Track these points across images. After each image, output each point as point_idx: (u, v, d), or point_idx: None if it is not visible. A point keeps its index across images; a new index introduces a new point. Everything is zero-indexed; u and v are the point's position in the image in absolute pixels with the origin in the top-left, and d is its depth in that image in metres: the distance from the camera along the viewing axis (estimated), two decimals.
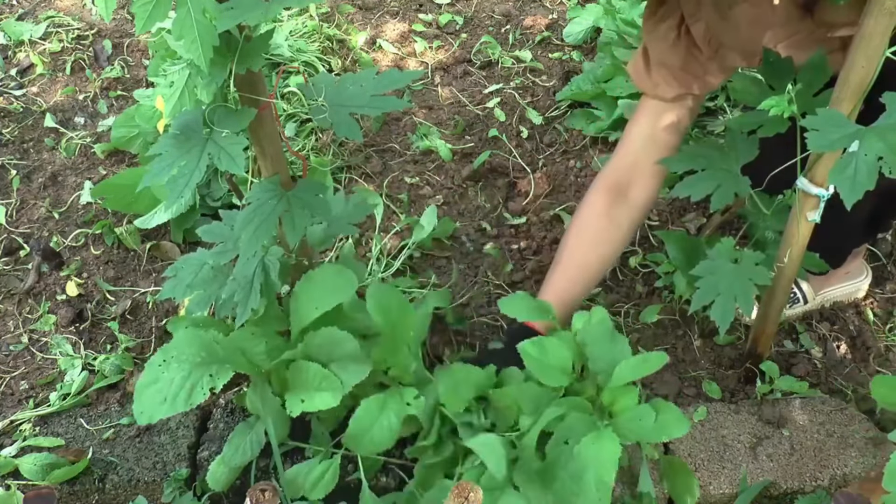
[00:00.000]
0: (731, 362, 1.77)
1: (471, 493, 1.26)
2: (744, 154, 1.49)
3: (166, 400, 1.35)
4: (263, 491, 1.31)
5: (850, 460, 1.54)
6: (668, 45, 1.46)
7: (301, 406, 1.38)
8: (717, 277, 1.45)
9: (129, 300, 1.91)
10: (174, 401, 1.35)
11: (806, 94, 1.38)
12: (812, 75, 1.41)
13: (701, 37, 1.43)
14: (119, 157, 2.25)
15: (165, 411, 1.35)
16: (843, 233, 1.63)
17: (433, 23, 2.67)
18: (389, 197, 2.13)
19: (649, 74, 1.51)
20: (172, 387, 1.36)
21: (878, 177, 1.10)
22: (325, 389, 1.38)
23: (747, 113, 1.61)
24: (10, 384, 1.77)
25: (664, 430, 1.36)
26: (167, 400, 1.35)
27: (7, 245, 2.04)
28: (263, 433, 1.49)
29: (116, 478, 1.55)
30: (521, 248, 2.01)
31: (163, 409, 1.35)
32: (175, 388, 1.36)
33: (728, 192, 1.46)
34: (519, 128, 2.30)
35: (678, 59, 1.47)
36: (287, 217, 1.30)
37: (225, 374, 1.39)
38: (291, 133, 2.18)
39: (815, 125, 1.14)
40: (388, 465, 1.54)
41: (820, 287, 1.83)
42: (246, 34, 1.17)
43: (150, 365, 1.39)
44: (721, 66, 1.49)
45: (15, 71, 2.51)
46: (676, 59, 1.47)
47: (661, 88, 1.51)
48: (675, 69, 1.48)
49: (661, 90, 1.51)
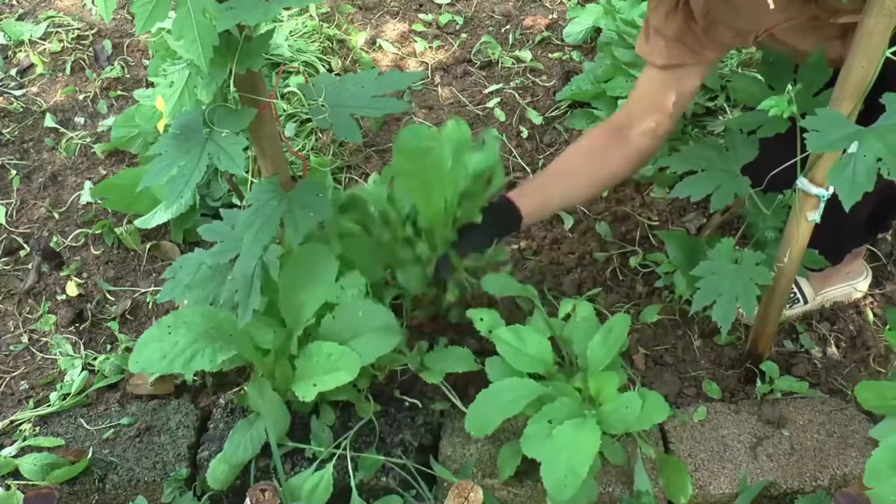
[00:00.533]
0: (731, 362, 1.77)
1: (471, 493, 1.26)
2: (744, 154, 1.49)
3: (166, 357, 1.37)
4: (263, 491, 1.31)
5: (850, 460, 1.53)
6: (664, 13, 1.49)
7: (314, 390, 1.40)
8: (718, 278, 1.46)
9: (129, 300, 1.92)
10: (173, 361, 1.37)
11: (806, 94, 1.38)
12: (812, 75, 1.42)
13: (699, 9, 1.45)
14: (119, 157, 2.25)
15: (162, 368, 1.37)
16: (844, 233, 1.63)
17: (433, 23, 2.66)
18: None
19: (647, 41, 1.55)
20: (175, 348, 1.38)
21: (878, 177, 1.10)
22: (341, 368, 1.39)
23: (747, 113, 1.61)
24: (10, 384, 1.77)
25: (648, 418, 1.37)
26: (166, 357, 1.37)
27: (7, 245, 2.04)
28: (264, 430, 1.49)
29: (116, 478, 1.55)
30: (521, 248, 2.01)
31: (160, 365, 1.37)
32: (177, 350, 1.38)
33: (728, 192, 1.46)
34: (519, 128, 2.30)
35: (673, 29, 1.49)
36: (289, 218, 1.30)
37: (227, 352, 1.40)
38: (291, 133, 2.18)
39: (814, 125, 1.14)
40: (389, 464, 1.54)
41: (820, 287, 1.83)
42: (246, 34, 1.17)
43: (159, 323, 1.41)
44: (715, 42, 1.51)
45: (15, 71, 2.51)
46: (671, 29, 1.49)
47: (654, 56, 1.54)
48: (669, 39, 1.50)
49: (654, 57, 1.54)
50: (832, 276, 1.80)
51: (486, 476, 1.52)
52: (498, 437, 1.56)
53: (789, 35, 1.45)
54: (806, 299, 1.83)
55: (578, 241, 2.01)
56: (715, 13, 1.45)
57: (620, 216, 2.04)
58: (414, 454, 1.56)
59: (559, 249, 2.00)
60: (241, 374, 1.70)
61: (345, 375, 1.38)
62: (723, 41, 1.50)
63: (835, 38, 1.39)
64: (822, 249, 1.57)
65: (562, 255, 1.98)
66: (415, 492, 1.53)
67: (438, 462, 1.54)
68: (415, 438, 1.58)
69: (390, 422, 1.60)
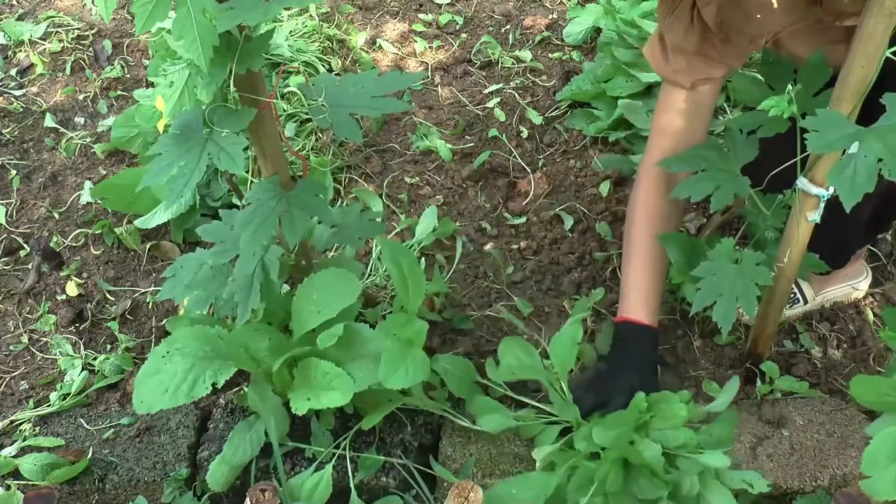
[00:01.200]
0: (731, 362, 1.77)
1: (471, 493, 1.26)
2: (744, 154, 1.48)
3: (167, 391, 1.35)
4: (263, 491, 1.31)
5: (850, 460, 1.53)
6: (682, 29, 1.46)
7: (307, 404, 1.38)
8: (719, 278, 1.45)
9: (129, 300, 1.92)
10: (175, 393, 1.35)
11: (806, 94, 1.38)
12: (812, 76, 1.41)
13: (712, 20, 1.43)
14: (119, 157, 2.25)
15: (166, 403, 1.35)
16: (847, 233, 1.63)
17: (433, 23, 2.66)
18: (389, 197, 2.13)
19: (667, 61, 1.51)
20: (175, 379, 1.36)
21: (880, 178, 1.10)
22: (335, 388, 1.38)
23: (747, 113, 1.61)
24: (10, 384, 1.77)
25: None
26: (168, 391, 1.35)
27: (7, 245, 2.04)
28: (263, 432, 1.49)
29: (116, 478, 1.55)
30: (521, 248, 2.01)
31: (163, 401, 1.35)
32: (177, 381, 1.36)
33: (728, 192, 1.46)
34: (519, 128, 2.30)
35: (693, 44, 1.47)
36: (287, 217, 1.30)
37: (227, 370, 1.39)
38: (291, 133, 2.18)
39: (814, 126, 1.14)
40: (388, 464, 1.54)
41: (820, 287, 1.83)
42: (246, 34, 1.17)
43: (153, 355, 1.39)
44: (735, 49, 1.50)
45: (15, 71, 2.51)
46: (691, 44, 1.47)
47: (679, 75, 1.51)
48: (690, 55, 1.48)
49: (679, 77, 1.51)
50: (833, 277, 1.80)
51: (486, 476, 1.52)
52: (498, 437, 1.56)
53: (794, 39, 1.44)
54: (806, 299, 1.82)
55: (578, 241, 2.01)
56: (728, 21, 1.44)
57: (620, 216, 2.04)
58: (414, 454, 1.56)
59: (559, 249, 2.00)
60: (241, 373, 1.70)
61: (339, 397, 1.36)
62: (741, 48, 1.49)
63: (839, 42, 1.38)
64: (826, 251, 1.56)
65: (562, 255, 1.98)
66: (415, 492, 1.53)
67: (438, 462, 1.54)
68: (415, 438, 1.58)
69: (390, 422, 1.60)
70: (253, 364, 1.45)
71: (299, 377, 1.44)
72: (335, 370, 1.39)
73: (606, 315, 1.84)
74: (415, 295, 1.48)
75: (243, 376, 1.70)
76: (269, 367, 1.45)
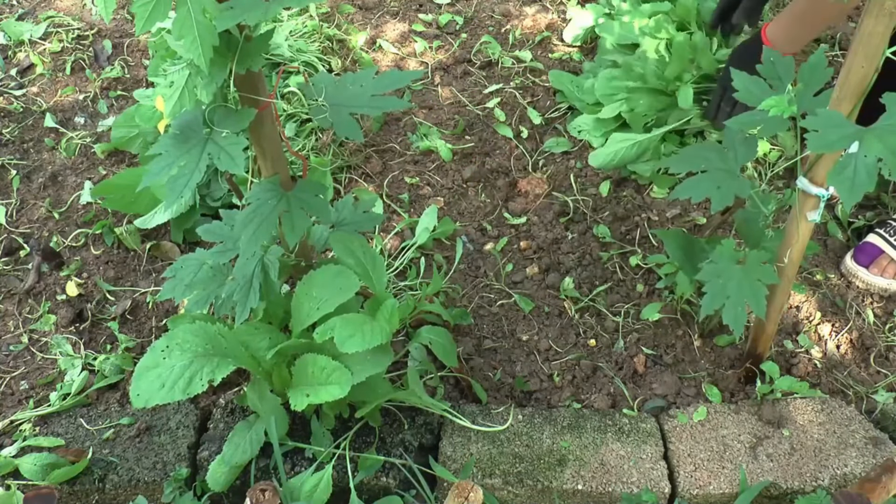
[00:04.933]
0: (731, 362, 1.77)
1: (471, 493, 1.26)
2: (744, 154, 1.48)
3: (164, 386, 1.35)
4: (263, 491, 1.31)
5: (850, 460, 1.54)
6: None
7: (306, 400, 1.38)
8: (725, 280, 1.44)
9: (129, 300, 1.92)
10: (172, 388, 1.35)
11: (806, 94, 1.38)
12: (812, 75, 1.41)
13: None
14: (119, 157, 2.25)
15: (162, 397, 1.35)
16: None
17: (433, 23, 2.66)
18: (389, 197, 2.13)
19: None
20: (172, 374, 1.36)
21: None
22: (333, 382, 1.38)
23: (747, 113, 1.61)
24: (10, 384, 1.77)
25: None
26: (165, 386, 1.35)
27: (7, 245, 2.04)
28: (263, 432, 1.49)
29: (116, 478, 1.55)
30: (521, 248, 2.02)
31: (160, 395, 1.35)
32: (174, 376, 1.36)
33: (728, 193, 1.46)
34: (519, 128, 2.30)
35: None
36: (286, 217, 1.30)
37: (225, 368, 1.39)
38: (291, 133, 2.18)
39: (814, 125, 1.14)
40: (389, 464, 1.54)
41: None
42: (246, 34, 1.17)
43: (152, 349, 1.39)
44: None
45: (15, 71, 2.50)
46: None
47: None
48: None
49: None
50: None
51: (486, 476, 1.52)
52: (498, 437, 1.56)
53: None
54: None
55: (578, 241, 2.01)
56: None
57: (620, 216, 2.04)
58: (414, 454, 1.56)
59: (559, 249, 2.00)
60: (241, 373, 1.70)
61: (337, 391, 1.37)
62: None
63: None
64: None
65: (562, 254, 1.98)
66: (415, 492, 1.53)
67: (438, 462, 1.54)
68: (415, 438, 1.58)
69: (390, 421, 1.60)
70: (253, 362, 1.45)
71: (297, 374, 1.44)
72: (332, 364, 1.39)
73: (607, 315, 1.84)
74: (377, 275, 1.50)
75: (243, 376, 1.70)
76: (269, 366, 1.46)
